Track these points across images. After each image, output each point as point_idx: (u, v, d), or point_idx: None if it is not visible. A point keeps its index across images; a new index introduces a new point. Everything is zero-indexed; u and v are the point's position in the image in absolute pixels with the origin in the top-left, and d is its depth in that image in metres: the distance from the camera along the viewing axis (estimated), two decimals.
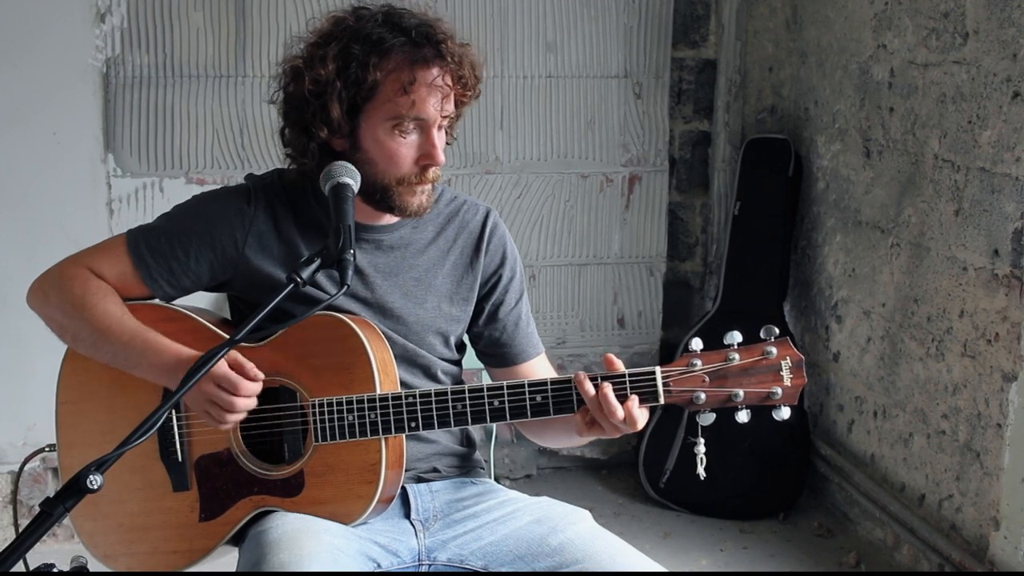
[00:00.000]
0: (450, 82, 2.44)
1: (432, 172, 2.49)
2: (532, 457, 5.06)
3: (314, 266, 2.22)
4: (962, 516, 3.90)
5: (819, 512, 4.72)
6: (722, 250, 5.02)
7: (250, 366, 2.37)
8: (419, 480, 2.64)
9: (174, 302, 2.61)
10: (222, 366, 2.35)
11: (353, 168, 2.40)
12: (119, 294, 2.56)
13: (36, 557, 1.97)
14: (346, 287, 2.20)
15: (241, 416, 2.39)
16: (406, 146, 2.44)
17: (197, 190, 4.14)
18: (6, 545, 1.87)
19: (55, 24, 4.26)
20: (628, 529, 4.55)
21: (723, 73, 5.03)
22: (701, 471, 2.43)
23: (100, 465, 1.89)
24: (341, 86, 2.40)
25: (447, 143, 2.54)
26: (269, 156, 4.53)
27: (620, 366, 2.38)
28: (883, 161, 4.30)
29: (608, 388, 2.34)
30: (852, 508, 4.55)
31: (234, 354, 2.38)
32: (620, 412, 2.33)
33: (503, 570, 2.49)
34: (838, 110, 4.60)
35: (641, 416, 2.35)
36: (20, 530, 2.65)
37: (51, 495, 1.90)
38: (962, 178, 3.82)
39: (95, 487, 1.86)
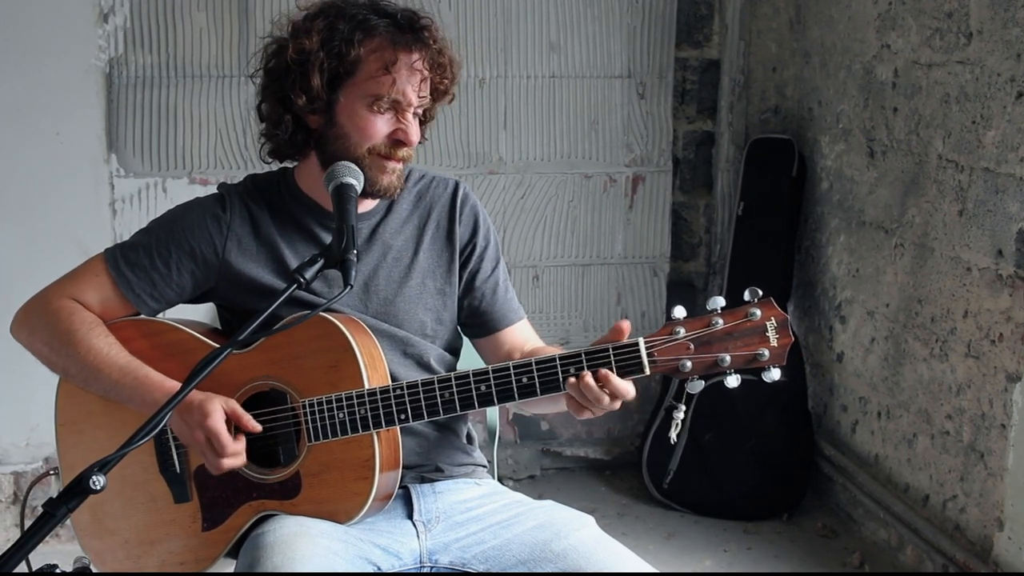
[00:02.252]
0: (429, 68, 2.51)
1: (403, 151, 2.52)
2: (535, 458, 5.06)
3: (317, 266, 2.23)
4: (966, 517, 3.90)
5: (823, 513, 4.72)
6: (726, 250, 5.02)
7: (248, 418, 2.42)
8: (423, 480, 2.64)
9: (159, 318, 2.62)
10: (217, 420, 2.39)
11: (356, 169, 2.42)
12: (105, 317, 2.57)
13: (39, 558, 1.96)
14: (350, 287, 2.21)
15: (234, 465, 2.43)
16: (381, 121, 2.49)
17: (200, 191, 4.16)
18: (9, 546, 1.87)
19: (58, 24, 4.26)
20: (632, 530, 4.54)
21: (727, 73, 5.03)
22: (673, 435, 2.43)
23: (103, 466, 1.89)
24: (324, 57, 2.45)
25: (421, 140, 2.58)
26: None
27: (625, 330, 2.34)
28: (887, 161, 4.29)
29: (589, 378, 2.32)
30: (856, 509, 4.55)
31: (232, 406, 2.42)
32: (605, 399, 2.32)
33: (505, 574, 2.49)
34: (842, 110, 4.59)
35: (624, 386, 2.32)
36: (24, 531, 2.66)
37: (54, 496, 1.89)
38: (966, 178, 3.81)
39: (98, 487, 1.86)
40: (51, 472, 2.72)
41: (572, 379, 2.33)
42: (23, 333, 2.61)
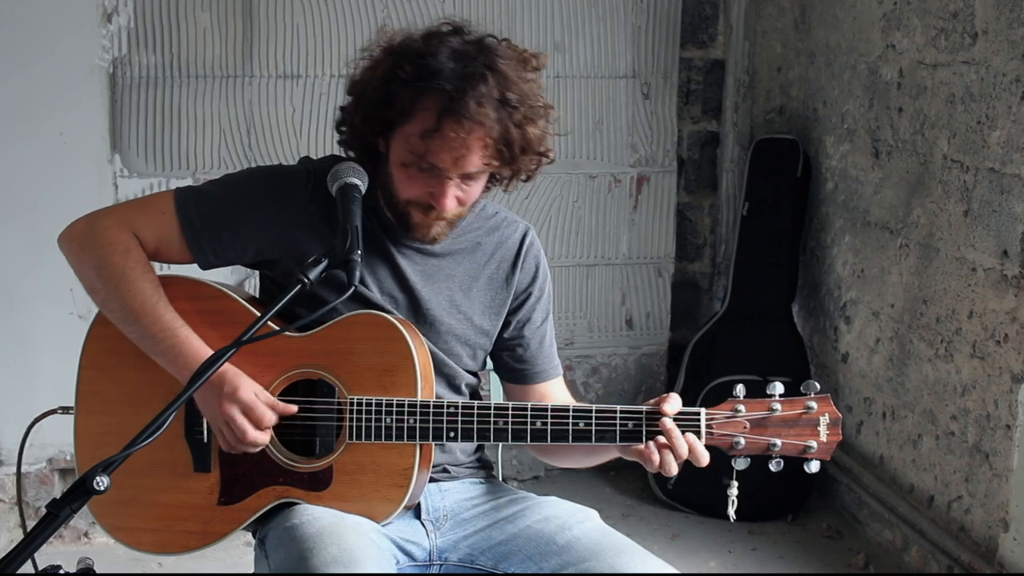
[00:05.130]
0: (478, 144, 2.34)
1: (438, 214, 2.43)
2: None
3: (321, 267, 2.21)
4: (971, 517, 3.89)
5: (828, 513, 4.71)
6: (730, 251, 5.01)
7: (283, 405, 2.41)
8: (429, 480, 2.63)
9: (211, 280, 2.58)
10: (249, 394, 2.37)
11: (361, 169, 2.40)
12: (158, 256, 2.52)
13: (43, 559, 1.96)
14: (353, 288, 2.20)
15: (254, 448, 2.42)
16: (417, 180, 2.40)
17: None
18: (13, 546, 1.87)
19: (62, 24, 4.25)
20: (636, 530, 4.54)
21: (731, 73, 5.02)
22: (732, 513, 2.49)
23: (107, 466, 1.89)
24: (377, 98, 2.37)
25: (489, 189, 2.53)
26: (276, 157, 4.53)
27: (675, 405, 2.39)
28: (892, 161, 4.28)
29: (672, 424, 2.35)
30: (861, 509, 4.54)
31: (259, 391, 2.41)
32: (685, 448, 2.36)
33: (512, 570, 2.49)
34: (847, 110, 4.59)
35: (705, 453, 2.39)
36: (27, 521, 2.63)
37: (57, 496, 1.89)
38: (971, 179, 3.81)
39: (101, 488, 1.85)
40: (61, 410, 2.67)
41: (671, 425, 2.36)
42: (74, 249, 2.52)
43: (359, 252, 2.22)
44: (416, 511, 2.58)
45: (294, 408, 2.42)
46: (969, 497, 3.90)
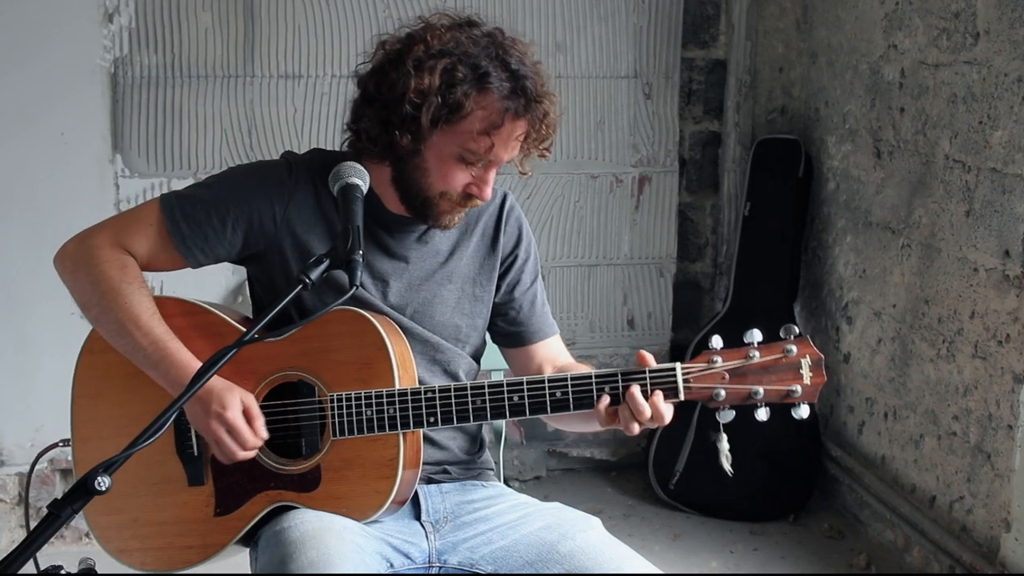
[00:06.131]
0: (527, 135, 2.48)
1: (473, 202, 2.53)
2: (541, 459, 5.05)
3: (322, 267, 2.21)
4: (973, 518, 3.89)
5: (829, 514, 4.71)
6: (732, 251, 5.01)
7: (260, 423, 2.42)
8: (429, 481, 2.65)
9: (197, 300, 2.60)
10: (237, 414, 2.39)
11: (362, 169, 2.41)
12: (150, 266, 2.56)
13: (44, 559, 1.96)
14: (356, 287, 2.20)
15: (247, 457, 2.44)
16: (464, 172, 2.47)
17: None
18: (14, 546, 1.86)
19: (63, 24, 4.25)
20: (638, 531, 4.54)
21: (733, 73, 5.02)
22: (727, 466, 2.47)
23: (108, 467, 1.88)
24: (439, 103, 2.38)
25: (523, 173, 2.64)
26: (276, 156, 4.52)
27: (651, 361, 2.41)
28: (894, 162, 4.28)
29: (636, 390, 2.36)
30: (862, 510, 4.54)
31: (250, 402, 2.42)
32: (648, 411, 2.36)
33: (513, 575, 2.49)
34: (848, 110, 4.59)
35: (668, 411, 2.38)
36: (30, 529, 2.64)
37: (59, 496, 1.89)
38: (973, 179, 3.80)
39: (103, 488, 1.85)
40: (61, 443, 2.70)
41: (632, 392, 2.37)
42: (67, 269, 2.57)
43: (360, 252, 2.23)
44: (416, 512, 2.59)
45: (265, 435, 2.43)
46: (971, 497, 3.90)
